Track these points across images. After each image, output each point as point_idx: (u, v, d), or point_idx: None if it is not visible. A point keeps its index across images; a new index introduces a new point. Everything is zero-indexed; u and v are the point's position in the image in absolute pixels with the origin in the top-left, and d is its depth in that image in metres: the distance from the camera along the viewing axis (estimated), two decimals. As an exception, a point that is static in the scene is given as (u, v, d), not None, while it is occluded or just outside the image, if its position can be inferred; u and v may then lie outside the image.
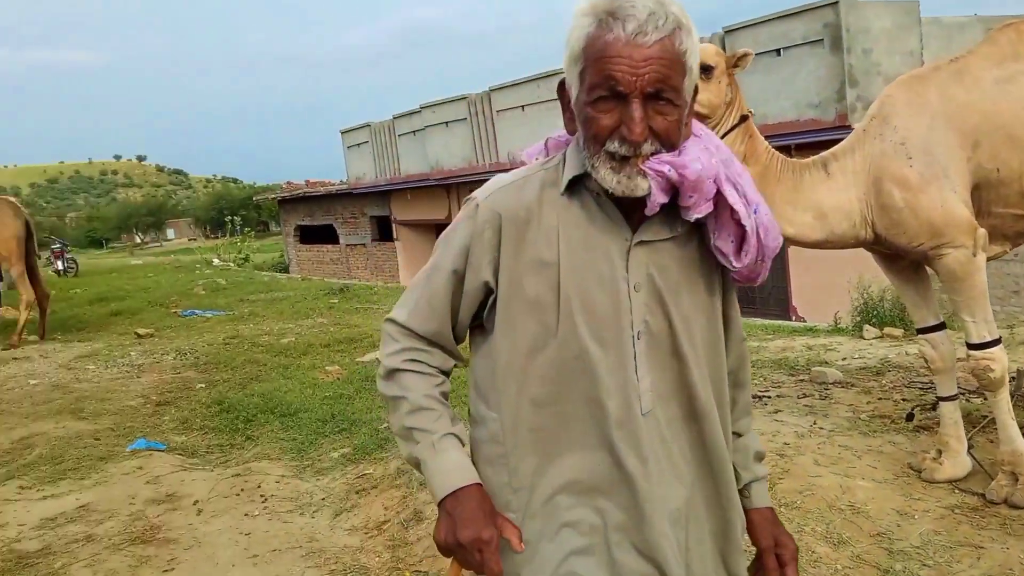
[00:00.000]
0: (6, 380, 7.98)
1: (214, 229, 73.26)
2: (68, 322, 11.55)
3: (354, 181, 23.61)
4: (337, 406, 6.04)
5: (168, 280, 17.10)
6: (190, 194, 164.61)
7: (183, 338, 9.72)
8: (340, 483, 4.60)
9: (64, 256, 22.31)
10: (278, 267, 26.16)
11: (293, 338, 9.01)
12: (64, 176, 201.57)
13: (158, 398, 6.82)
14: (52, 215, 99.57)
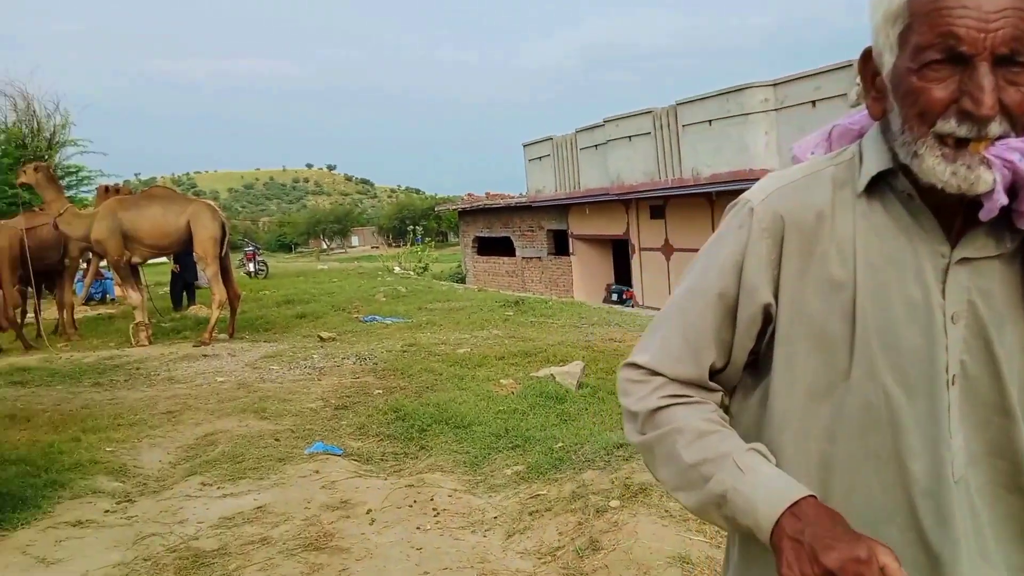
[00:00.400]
0: (195, 376, 8.61)
1: (396, 237, 76.95)
2: (256, 322, 12.36)
3: (533, 194, 23.91)
4: (511, 421, 5.99)
5: (351, 286, 17.99)
6: (375, 203, 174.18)
7: (363, 343, 10.10)
8: (513, 502, 4.51)
9: (256, 259, 24.11)
10: (455, 277, 26.91)
11: (469, 349, 9.11)
12: (259, 182, 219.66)
13: (337, 402, 7.07)
14: (246, 219, 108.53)
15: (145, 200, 11.02)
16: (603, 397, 6.59)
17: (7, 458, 5.49)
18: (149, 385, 8.26)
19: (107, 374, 8.91)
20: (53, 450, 5.72)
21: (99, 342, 11.66)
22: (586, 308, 13.10)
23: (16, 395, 7.91)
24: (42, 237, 11.63)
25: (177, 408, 7.07)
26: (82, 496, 4.88)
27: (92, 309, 15.96)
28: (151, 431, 6.36)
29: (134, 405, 7.27)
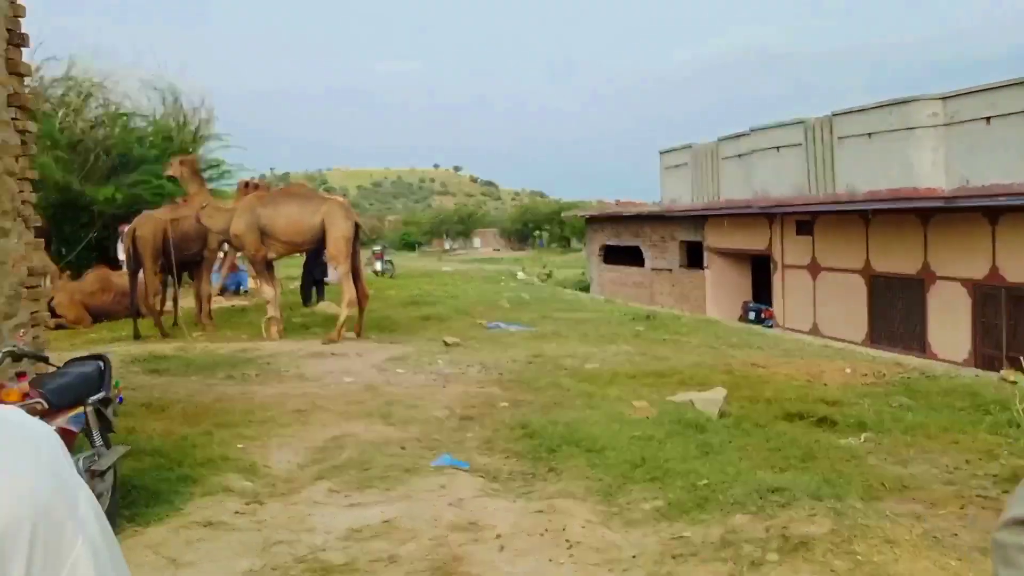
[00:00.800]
0: (324, 375, 8.75)
1: (518, 241, 77.38)
2: (382, 322, 12.54)
3: (668, 203, 23.43)
4: (647, 449, 5.73)
5: (475, 290, 18.10)
6: (499, 205, 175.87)
7: (487, 351, 10.04)
8: (653, 541, 4.27)
9: (383, 258, 24.66)
10: (579, 285, 26.71)
11: (598, 364, 8.90)
12: (387, 181, 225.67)
13: (462, 412, 7.00)
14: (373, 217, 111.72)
15: (283, 197, 11.36)
16: (748, 429, 6.23)
17: (143, 448, 5.67)
18: (280, 381, 8.44)
19: (240, 367, 9.18)
20: (186, 443, 5.88)
21: (232, 334, 12.10)
22: (723, 327, 12.64)
23: (153, 383, 8.24)
24: (184, 229, 12.16)
25: (306, 407, 7.17)
26: (213, 494, 4.96)
27: (227, 300, 16.65)
28: (281, 430, 6.46)
29: (265, 401, 7.43)
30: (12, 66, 5.57)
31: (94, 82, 19.14)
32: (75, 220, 17.93)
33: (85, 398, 4.16)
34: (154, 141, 19.30)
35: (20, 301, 5.57)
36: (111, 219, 17.04)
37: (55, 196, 17.46)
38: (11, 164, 5.52)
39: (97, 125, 18.33)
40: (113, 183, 17.53)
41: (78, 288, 13.87)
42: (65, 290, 13.88)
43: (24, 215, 5.67)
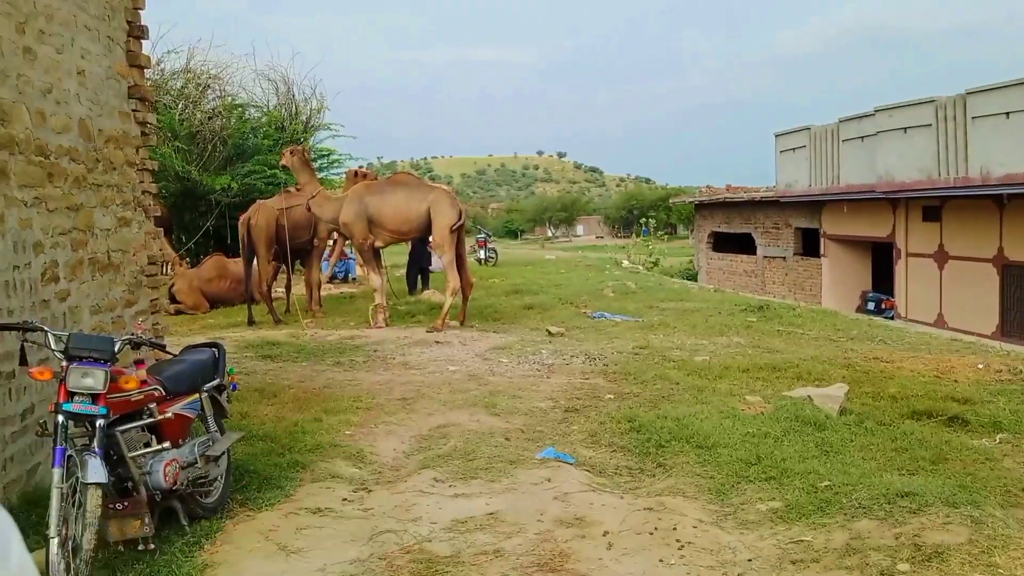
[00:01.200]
0: (428, 363, 8.83)
1: (622, 228, 76.61)
2: (485, 311, 12.58)
3: (783, 188, 22.66)
4: (762, 447, 5.51)
5: (579, 278, 17.96)
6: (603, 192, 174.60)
7: (592, 341, 9.93)
8: (770, 544, 4.09)
9: (486, 246, 24.78)
10: (686, 274, 26.21)
11: (707, 357, 8.66)
12: (491, 168, 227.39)
13: (567, 404, 6.92)
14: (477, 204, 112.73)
15: (390, 186, 11.51)
16: (872, 428, 5.92)
17: (255, 433, 5.83)
18: (386, 369, 8.57)
19: (347, 354, 9.37)
20: (297, 429, 6.01)
21: (340, 320, 12.38)
22: (842, 318, 12.12)
23: (266, 369, 8.50)
24: (296, 217, 12.49)
25: (411, 395, 7.24)
26: (322, 480, 5.05)
27: (335, 288, 17.07)
28: (387, 417, 6.54)
29: (372, 388, 7.55)
30: (132, 58, 5.78)
31: (211, 74, 19.92)
32: (194, 209, 18.75)
33: (200, 385, 4.29)
34: (267, 131, 19.87)
35: (141, 289, 5.81)
36: (228, 208, 17.68)
37: (175, 186, 18.31)
38: (132, 155, 5.75)
39: (214, 116, 18.97)
40: (229, 173, 18.19)
41: (196, 275, 14.48)
42: (184, 277, 14.53)
43: (144, 205, 5.90)
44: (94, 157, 5.16)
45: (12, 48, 4.22)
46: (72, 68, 4.91)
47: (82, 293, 4.96)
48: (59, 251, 4.68)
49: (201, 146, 18.42)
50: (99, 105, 5.26)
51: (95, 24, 5.24)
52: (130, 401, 3.68)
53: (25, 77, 4.35)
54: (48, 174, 4.57)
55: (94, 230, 5.16)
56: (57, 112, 4.70)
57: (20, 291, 4.20)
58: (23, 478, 4.06)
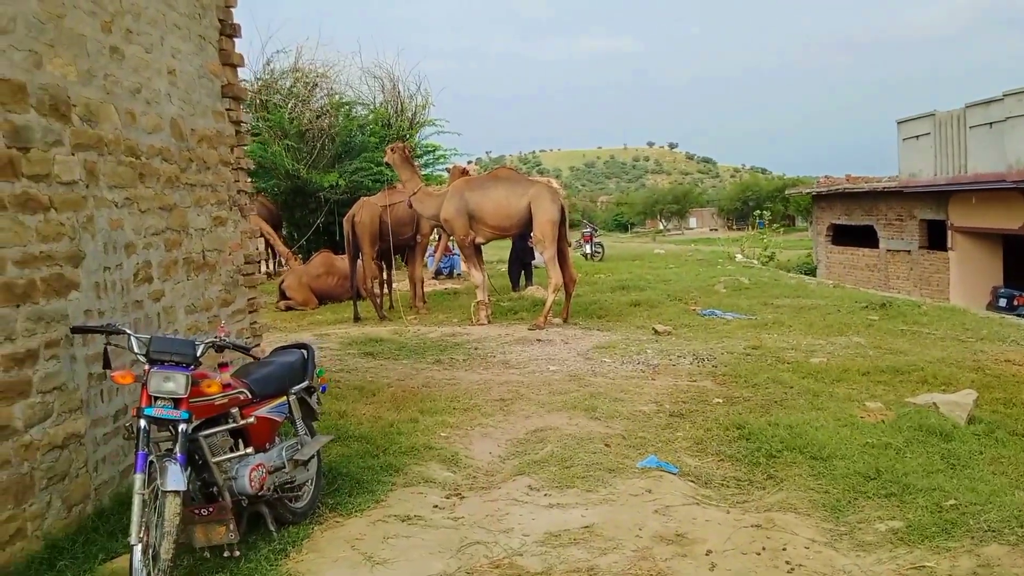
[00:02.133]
0: (529, 362, 8.67)
1: (737, 220, 74.72)
2: (590, 308, 12.34)
3: (906, 178, 21.46)
4: (883, 460, 5.11)
5: (689, 274, 17.46)
6: (716, 183, 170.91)
7: (701, 340, 9.56)
8: (888, 569, 3.75)
9: (592, 240, 24.48)
10: (803, 268, 25.20)
11: (824, 358, 8.17)
12: (600, 161, 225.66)
13: (672, 407, 6.63)
14: (586, 198, 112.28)
15: (491, 181, 11.41)
16: (1003, 439, 5.43)
17: (351, 433, 5.80)
18: (485, 368, 8.46)
19: (448, 351, 9.32)
20: (392, 430, 5.96)
21: (443, 317, 12.38)
22: (971, 317, 11.30)
23: (367, 367, 8.53)
24: (398, 214, 12.58)
25: (510, 396, 7.10)
26: (414, 484, 4.95)
27: (440, 284, 17.15)
28: (484, 419, 6.41)
29: (470, 388, 7.45)
30: (224, 57, 5.83)
31: (319, 72, 20.32)
32: (304, 206, 19.21)
33: (288, 387, 4.24)
34: (374, 128, 20.10)
35: (237, 288, 5.86)
36: (336, 205, 18.00)
37: (285, 183, 18.78)
38: (227, 154, 5.80)
39: (322, 114, 19.30)
40: (337, 170, 18.50)
41: (305, 271, 14.80)
42: (294, 273, 14.90)
43: (240, 204, 5.95)
44: (187, 156, 5.22)
45: (98, 47, 4.27)
46: (162, 67, 4.96)
47: (177, 293, 5.02)
48: (152, 251, 4.74)
49: (310, 144, 18.76)
50: (191, 104, 5.31)
51: (185, 23, 5.29)
52: (214, 405, 3.65)
53: (113, 77, 4.40)
54: (139, 174, 4.63)
55: (188, 230, 5.22)
56: (148, 112, 4.75)
57: (111, 292, 4.26)
58: (116, 479, 4.12)
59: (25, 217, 3.63)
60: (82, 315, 3.98)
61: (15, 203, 3.57)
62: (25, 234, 3.62)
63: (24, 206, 3.62)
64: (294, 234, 19.92)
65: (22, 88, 3.65)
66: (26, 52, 3.70)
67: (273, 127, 18.49)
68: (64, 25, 4.01)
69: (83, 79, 4.14)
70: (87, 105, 4.15)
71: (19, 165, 3.61)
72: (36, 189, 3.72)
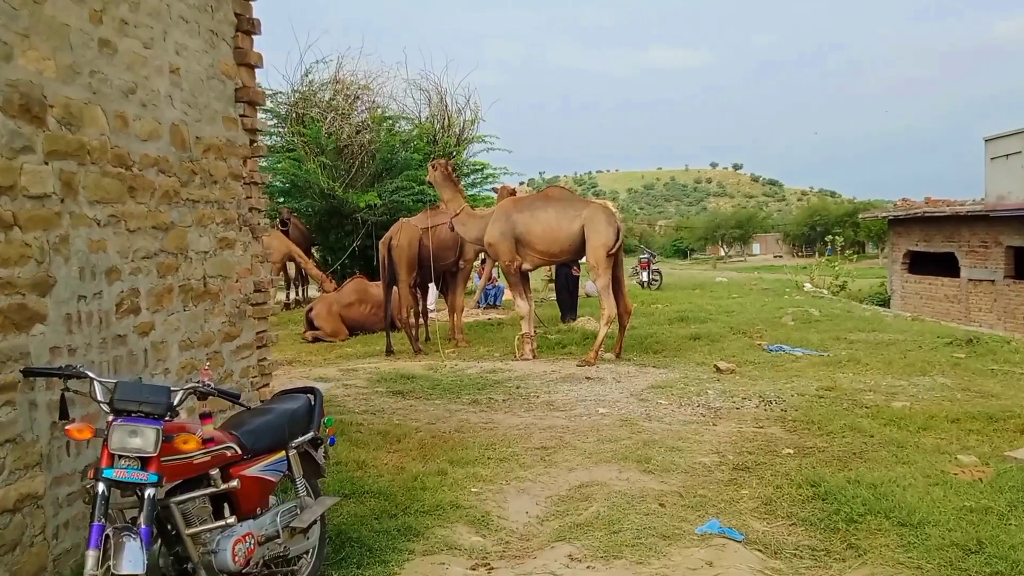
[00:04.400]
0: (576, 403, 8.15)
1: (803, 246, 73.24)
2: (645, 341, 11.78)
3: (993, 201, 20.48)
4: (984, 528, 4.53)
5: (754, 304, 16.75)
6: (782, 207, 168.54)
7: (768, 380, 8.95)
8: None
9: (650, 267, 23.83)
10: (877, 299, 24.21)
11: (907, 402, 7.53)
12: (659, 183, 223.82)
13: (736, 459, 6.07)
14: (644, 221, 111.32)
15: (540, 202, 10.94)
16: None
17: (369, 488, 5.35)
18: (526, 409, 7.97)
19: (487, 390, 8.85)
20: (416, 484, 5.50)
21: (485, 350, 11.93)
22: (1072, 356, 10.49)
23: (395, 408, 8.09)
24: (440, 237, 12.13)
25: (552, 444, 6.60)
26: (436, 552, 4.47)
27: (483, 313, 16.68)
28: (521, 471, 5.92)
29: (508, 434, 6.97)
30: (240, 56, 5.45)
31: (361, 84, 19.89)
32: (339, 227, 18.68)
33: (288, 440, 3.79)
34: (418, 145, 19.49)
35: (244, 320, 5.47)
36: (374, 227, 17.55)
37: (320, 203, 18.30)
38: (238, 167, 5.42)
39: (362, 129, 18.83)
40: (376, 189, 18.01)
41: (336, 299, 14.36)
42: (323, 301, 14.48)
43: (251, 223, 5.56)
44: (189, 168, 4.84)
45: (83, 40, 3.89)
46: (163, 65, 4.58)
47: (170, 326, 4.63)
48: (141, 277, 4.35)
49: (348, 161, 18.27)
50: (197, 109, 4.93)
51: (194, 16, 4.92)
52: (192, 464, 3.20)
53: (101, 75, 4.01)
54: (129, 188, 4.24)
55: (188, 253, 4.83)
56: (142, 116, 4.37)
57: (86, 325, 3.86)
58: (80, 548, 3.68)
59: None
60: (48, 353, 3.59)
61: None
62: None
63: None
64: (327, 258, 19.50)
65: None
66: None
67: (309, 142, 18.11)
68: (43, 13, 3.64)
69: (64, 76, 3.77)
70: (67, 106, 3.77)
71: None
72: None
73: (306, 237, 18.76)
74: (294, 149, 18.38)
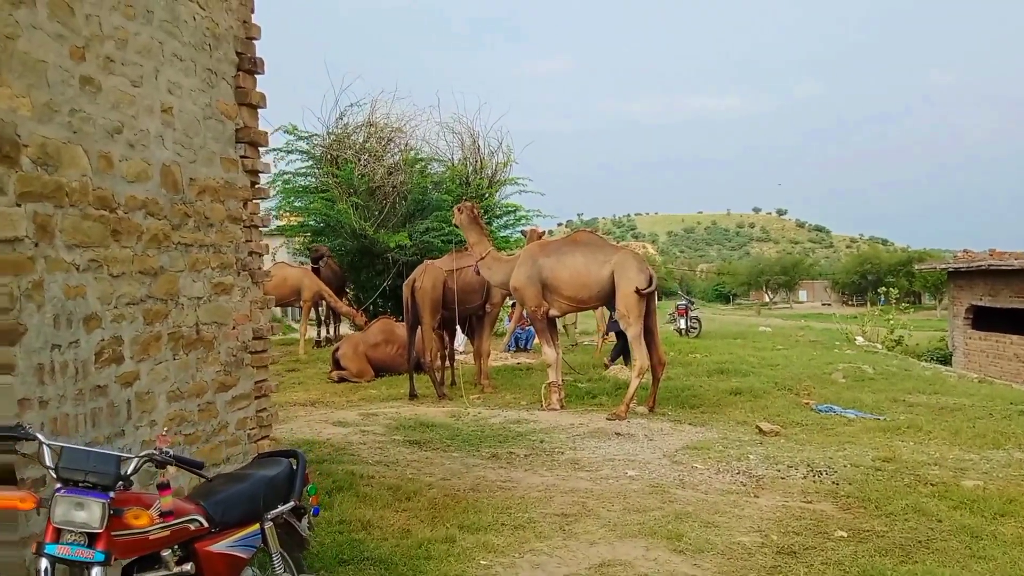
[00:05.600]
0: (602, 463, 7.72)
1: (854, 295, 72.10)
2: (682, 394, 11.31)
3: (1061, 251, 19.81)
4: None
5: (801, 358, 16.17)
6: (829, 253, 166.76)
7: (817, 445, 8.44)
8: None
9: (688, 315, 23.29)
10: (936, 355, 23.41)
11: (979, 481, 6.94)
12: (700, 227, 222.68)
13: (780, 540, 5.58)
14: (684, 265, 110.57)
15: (568, 246, 10.65)
16: None
17: (370, 554, 4.98)
18: (549, 467, 7.55)
19: (508, 443, 8.46)
20: (420, 552, 5.11)
21: (511, 397, 11.57)
22: None
23: (410, 459, 7.73)
24: (466, 280, 11.91)
25: (574, 511, 6.16)
26: (434, 642, 4.07)
27: (512, 357, 16.34)
28: (538, 543, 5.48)
29: (527, 496, 6.54)
30: (242, 95, 5.23)
31: (394, 127, 20.15)
32: (371, 267, 18.92)
33: (264, 511, 3.44)
34: (449, 186, 19.76)
35: (242, 369, 5.15)
36: (404, 266, 17.56)
37: (351, 243, 18.55)
38: (237, 209, 5.15)
39: (395, 171, 19.07)
40: (407, 229, 18.18)
41: (362, 339, 14.20)
42: (350, 341, 14.33)
43: (251, 268, 5.27)
44: (182, 211, 4.57)
45: (63, 77, 3.67)
46: (154, 104, 4.34)
47: (157, 376, 4.32)
48: (125, 325, 4.06)
49: (380, 202, 18.55)
50: (191, 149, 4.68)
51: (189, 54, 4.69)
52: (148, 540, 2.87)
53: (83, 113, 3.78)
54: (113, 231, 3.98)
55: (179, 299, 4.54)
56: (130, 156, 4.12)
57: (60, 376, 3.57)
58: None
59: (-65, 283, 2.99)
60: (15, 405, 3.31)
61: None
62: (-68, 304, 2.97)
63: (-65, 269, 2.99)
64: (359, 295, 19.60)
65: (-54, 120, 3.05)
66: (-44, 78, 3.12)
67: (342, 183, 18.35)
68: (15, 48, 3.42)
69: (40, 115, 3.54)
70: (43, 146, 3.54)
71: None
72: (-41, 247, 3.08)
73: (339, 276, 18.98)
74: (327, 190, 18.68)
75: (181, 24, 4.69)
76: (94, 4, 3.95)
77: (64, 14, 3.74)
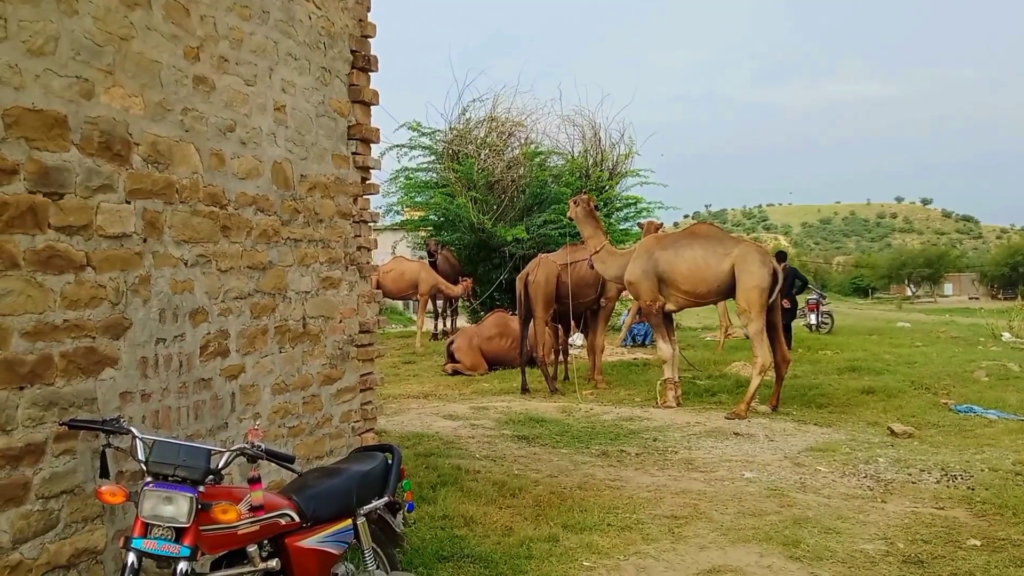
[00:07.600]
0: (718, 463, 7.57)
1: (1004, 289, 68.26)
2: (808, 393, 10.99)
3: None
4: None
5: (941, 355, 15.42)
6: (978, 245, 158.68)
7: (953, 448, 8.06)
8: None
9: (819, 309, 22.52)
10: (1093, 353, 21.90)
11: None
12: (837, 217, 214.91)
13: (907, 548, 5.33)
14: (819, 257, 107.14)
15: (686, 239, 10.47)
16: None
17: (470, 552, 5.04)
18: (660, 467, 7.46)
19: (619, 441, 8.41)
20: (522, 551, 5.13)
21: (625, 394, 11.51)
22: None
23: (517, 455, 7.78)
24: (580, 274, 11.89)
25: (685, 513, 6.06)
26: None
27: (628, 352, 16.20)
28: (644, 545, 5.42)
29: (635, 496, 6.48)
30: (355, 93, 5.36)
31: (515, 121, 20.29)
32: (488, 260, 19.18)
33: (357, 506, 3.50)
34: (568, 179, 19.74)
35: (347, 362, 5.28)
36: (521, 260, 17.68)
37: (470, 237, 18.84)
38: (347, 205, 5.29)
39: (514, 164, 19.24)
40: (524, 223, 18.33)
41: (476, 332, 14.40)
42: (464, 334, 14.55)
43: (359, 263, 5.40)
44: (291, 207, 4.72)
45: (176, 77, 3.84)
46: (267, 103, 4.50)
47: (262, 368, 4.48)
48: (232, 319, 4.22)
49: (499, 195, 18.77)
50: (303, 147, 4.84)
51: (304, 52, 4.84)
52: (236, 535, 2.96)
53: (196, 112, 3.96)
54: (223, 227, 4.14)
55: (287, 293, 4.69)
56: (241, 154, 4.28)
57: (164, 370, 3.74)
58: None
59: (46, 278, 3.17)
60: (117, 398, 3.48)
61: (34, 261, 3.12)
62: (43, 299, 3.15)
63: (46, 264, 3.17)
64: (476, 289, 19.87)
65: (60, 121, 3.23)
66: (71, 79, 3.29)
67: (461, 178, 18.63)
68: (130, 49, 3.59)
69: (153, 113, 3.72)
70: (155, 144, 3.71)
71: (44, 214, 3.16)
72: (67, 243, 3.26)
73: (456, 269, 19.39)
74: (447, 184, 19.08)
75: (296, 24, 4.84)
76: (209, 5, 4.11)
77: (179, 15, 3.90)
